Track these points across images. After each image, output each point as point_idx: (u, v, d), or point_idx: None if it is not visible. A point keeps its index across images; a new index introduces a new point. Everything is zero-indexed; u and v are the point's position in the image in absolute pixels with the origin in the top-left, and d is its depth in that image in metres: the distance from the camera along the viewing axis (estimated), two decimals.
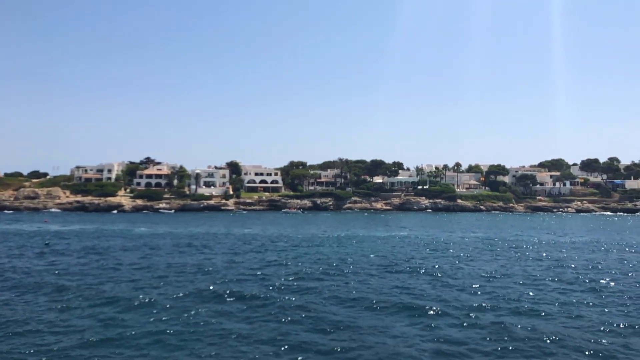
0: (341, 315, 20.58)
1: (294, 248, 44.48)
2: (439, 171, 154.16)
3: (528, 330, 18.55)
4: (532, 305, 22.56)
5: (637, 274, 31.92)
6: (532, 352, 16.29)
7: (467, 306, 22.18)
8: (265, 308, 21.64)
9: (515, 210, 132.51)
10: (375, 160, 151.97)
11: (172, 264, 34.26)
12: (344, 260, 36.82)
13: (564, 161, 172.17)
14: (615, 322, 19.79)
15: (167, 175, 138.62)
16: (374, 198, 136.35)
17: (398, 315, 20.71)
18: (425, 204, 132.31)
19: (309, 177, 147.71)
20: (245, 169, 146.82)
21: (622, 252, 43.92)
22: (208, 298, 23.45)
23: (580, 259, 39.06)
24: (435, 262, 36.19)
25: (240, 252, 41.41)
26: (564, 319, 20.25)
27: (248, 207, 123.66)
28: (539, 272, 31.81)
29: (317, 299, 23.44)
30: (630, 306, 22.61)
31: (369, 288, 26.12)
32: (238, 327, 18.77)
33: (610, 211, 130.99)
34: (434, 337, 17.81)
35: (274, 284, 26.83)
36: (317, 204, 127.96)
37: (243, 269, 32.25)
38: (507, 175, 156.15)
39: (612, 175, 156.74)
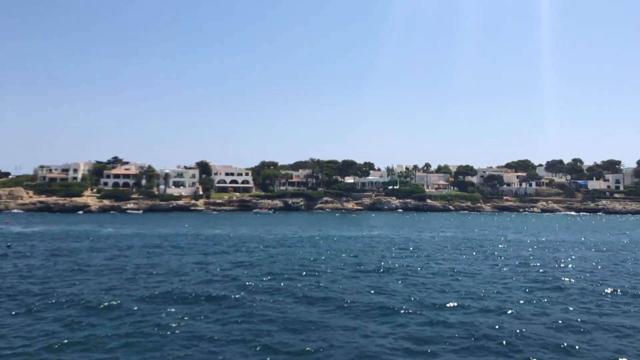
0: (312, 315, 20.60)
1: (265, 249, 44.30)
2: (409, 171, 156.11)
3: (496, 329, 18.94)
4: (500, 303, 23.05)
5: (598, 272, 32.99)
6: (499, 349, 16.65)
7: (437, 305, 22.51)
8: (237, 309, 21.50)
9: (482, 210, 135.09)
10: (346, 160, 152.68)
11: (140, 265, 33.68)
12: (316, 260, 36.87)
13: (529, 162, 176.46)
14: (578, 318, 20.40)
15: (136, 175, 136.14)
16: (346, 198, 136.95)
17: (369, 314, 20.85)
18: (395, 204, 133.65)
19: (280, 177, 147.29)
20: (215, 169, 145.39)
21: (584, 251, 45.32)
22: (178, 299, 23.15)
23: (545, 257, 40.12)
24: (405, 261, 36.59)
25: (210, 252, 41.00)
26: (530, 316, 20.76)
27: (218, 207, 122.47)
28: (506, 271, 32.54)
29: (288, 300, 23.42)
30: (591, 303, 23.36)
31: (341, 288, 26.23)
32: (209, 329, 18.60)
33: (573, 211, 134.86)
34: (405, 336, 18.01)
35: (245, 285, 26.68)
36: (288, 204, 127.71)
37: (214, 270, 31.94)
38: (475, 175, 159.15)
39: (576, 175, 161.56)
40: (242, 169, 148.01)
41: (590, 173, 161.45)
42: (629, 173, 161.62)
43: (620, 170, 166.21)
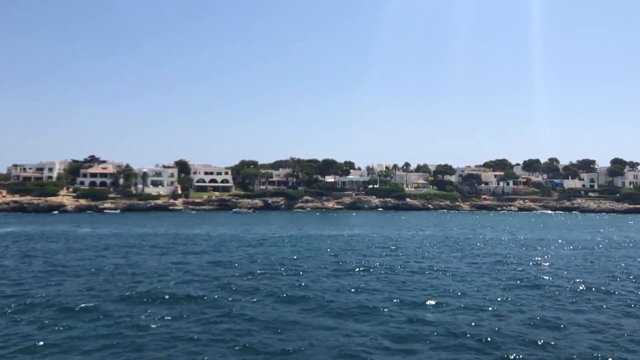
0: (293, 315, 20.58)
1: (245, 248, 44.09)
2: (389, 171, 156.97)
3: (474, 326, 19.19)
4: (478, 301, 23.36)
5: (574, 269, 33.66)
6: (478, 347, 16.85)
7: (416, 303, 22.70)
8: (216, 309, 21.36)
9: (461, 208, 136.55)
10: (327, 159, 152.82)
11: (118, 265, 33.21)
12: (296, 259, 36.84)
13: (507, 161, 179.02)
14: (554, 315, 20.80)
15: (113, 174, 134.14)
16: (326, 197, 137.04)
17: (349, 313, 20.90)
18: (375, 203, 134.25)
19: (260, 177, 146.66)
20: (194, 168, 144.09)
21: (560, 249, 46.18)
22: (157, 300, 22.89)
23: (522, 255, 40.77)
24: (385, 260, 36.80)
25: (189, 252, 40.63)
26: (507, 313, 21.08)
27: (197, 207, 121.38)
28: (484, 269, 32.98)
29: (268, 299, 23.36)
30: (567, 300, 23.83)
31: (321, 287, 26.25)
32: (188, 329, 18.43)
33: (550, 209, 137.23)
34: (385, 334, 18.11)
35: (225, 285, 26.52)
36: (268, 203, 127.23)
37: (193, 269, 31.67)
38: (454, 174, 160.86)
39: (552, 175, 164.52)
40: (221, 168, 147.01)
41: (566, 172, 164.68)
42: (603, 172, 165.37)
43: (594, 169, 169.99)
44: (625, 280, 29.52)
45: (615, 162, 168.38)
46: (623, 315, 20.99)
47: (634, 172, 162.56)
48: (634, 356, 16.03)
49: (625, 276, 30.77)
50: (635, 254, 42.40)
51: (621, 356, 15.97)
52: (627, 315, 21.10)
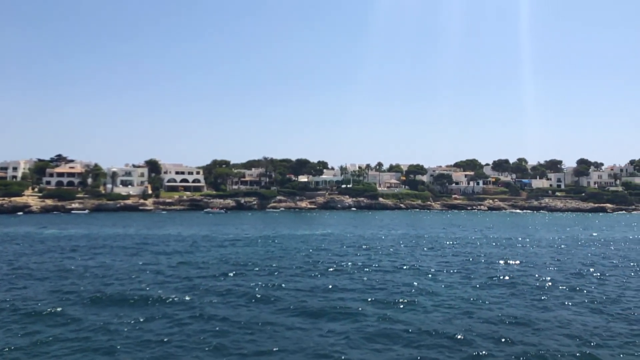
0: (266, 316, 20.45)
1: (216, 248, 43.63)
2: (362, 170, 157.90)
3: (446, 324, 19.43)
4: (450, 299, 23.67)
5: (542, 267, 34.45)
6: (450, 344, 17.04)
7: (389, 302, 22.86)
8: (188, 310, 21.06)
9: (432, 208, 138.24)
10: (300, 159, 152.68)
11: (87, 267, 32.45)
12: (269, 259, 36.66)
13: (477, 161, 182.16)
14: (523, 313, 21.23)
15: (81, 173, 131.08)
16: (299, 197, 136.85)
17: (323, 313, 20.88)
18: (349, 203, 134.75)
19: (232, 176, 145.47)
20: (165, 168, 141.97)
21: (529, 248, 47.21)
22: (127, 302, 22.43)
23: (491, 254, 41.50)
24: (358, 259, 36.94)
25: (160, 253, 39.99)
26: (478, 311, 21.40)
27: (168, 207, 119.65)
28: (456, 268, 33.44)
29: (241, 300, 23.17)
30: (536, 297, 24.35)
31: (294, 287, 26.18)
32: (159, 331, 18.12)
33: (518, 209, 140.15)
34: (359, 334, 18.15)
35: (196, 286, 26.19)
36: (240, 203, 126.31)
37: (164, 270, 31.18)
38: (426, 174, 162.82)
39: (521, 174, 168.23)
40: (193, 167, 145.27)
41: (534, 172, 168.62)
42: (569, 172, 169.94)
43: (561, 169, 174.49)
44: (590, 277, 30.35)
45: (581, 162, 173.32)
46: (588, 311, 21.57)
47: (599, 172, 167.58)
48: (598, 350, 16.46)
49: (590, 274, 31.64)
50: (599, 252, 43.66)
51: (586, 351, 16.38)
52: (592, 311, 21.68)
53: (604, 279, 29.65)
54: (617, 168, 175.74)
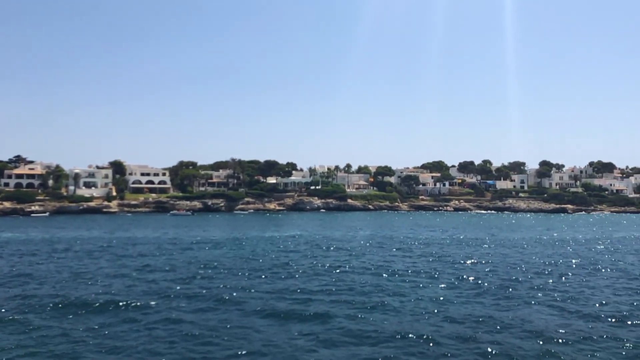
0: (235, 319, 20.20)
1: (183, 251, 42.87)
2: (331, 172, 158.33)
3: (413, 325, 19.56)
4: (416, 300, 23.89)
5: (506, 268, 35.18)
6: (418, 344, 17.16)
7: (358, 302, 22.90)
8: (153, 315, 20.59)
9: (400, 209, 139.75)
10: (269, 160, 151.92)
11: (47, 272, 31.37)
12: (237, 262, 36.28)
13: (443, 163, 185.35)
14: (488, 311, 21.59)
15: (41, 175, 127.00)
16: (268, 199, 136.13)
17: (291, 315, 20.76)
18: (317, 204, 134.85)
19: (199, 178, 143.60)
20: (130, 169, 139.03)
21: (494, 248, 48.17)
22: (89, 307, 21.77)
23: (459, 254, 42.16)
24: (327, 260, 36.93)
25: (125, 256, 39.03)
26: (444, 311, 21.66)
27: (133, 209, 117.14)
28: (421, 268, 33.81)
29: (209, 303, 22.84)
30: (501, 296, 24.82)
31: (261, 290, 25.97)
32: (122, 338, 17.66)
33: (483, 209, 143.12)
34: (327, 336, 18.11)
35: (162, 289, 25.66)
36: (208, 205, 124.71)
37: (129, 274, 30.45)
38: (394, 176, 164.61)
39: (485, 176, 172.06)
40: (158, 168, 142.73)
41: (498, 174, 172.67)
42: (532, 174, 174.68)
43: (524, 171, 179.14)
44: (551, 276, 31.16)
45: (543, 164, 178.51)
46: (550, 309, 22.12)
47: (560, 174, 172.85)
48: (559, 347, 16.85)
49: (551, 273, 32.49)
50: (560, 252, 44.94)
51: (548, 348, 16.75)
52: (553, 308, 22.24)
53: (564, 278, 30.50)
54: (578, 170, 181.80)
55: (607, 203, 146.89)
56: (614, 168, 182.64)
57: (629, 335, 18.25)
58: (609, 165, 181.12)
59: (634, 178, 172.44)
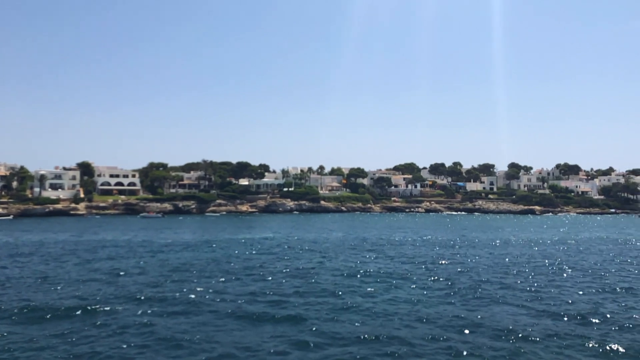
0: (203, 322, 19.93)
1: (154, 254, 42.14)
2: (304, 174, 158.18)
3: (383, 325, 19.69)
4: (387, 301, 24.06)
5: (477, 268, 35.75)
6: (388, 344, 17.26)
7: (328, 304, 22.91)
8: (122, 320, 20.17)
9: (372, 210, 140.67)
10: (241, 162, 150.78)
11: (10, 277, 30.41)
12: (208, 264, 35.89)
13: (415, 165, 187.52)
14: (459, 312, 21.90)
15: (5, 176, 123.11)
16: (240, 201, 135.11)
17: (263, 318, 20.64)
18: (290, 206, 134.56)
19: (170, 180, 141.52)
20: (98, 170, 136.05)
21: (464, 249, 48.91)
22: (55, 313, 21.17)
23: (430, 255, 42.66)
24: (298, 262, 36.86)
25: (93, 260, 38.14)
26: (419, 310, 21.87)
27: (102, 211, 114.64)
28: (395, 269, 34.10)
29: (177, 308, 22.48)
30: (472, 296, 25.20)
31: (233, 293, 25.77)
32: (81, 348, 17.19)
33: (454, 210, 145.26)
34: (297, 337, 18.04)
35: (132, 294, 25.14)
36: (178, 207, 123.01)
37: (98, 278, 29.77)
38: (366, 177, 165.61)
39: (456, 178, 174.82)
40: (128, 170, 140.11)
41: (468, 175, 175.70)
42: (501, 175, 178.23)
43: (493, 173, 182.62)
44: (519, 276, 31.86)
45: (512, 166, 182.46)
46: (517, 308, 22.58)
47: (528, 176, 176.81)
48: (526, 344, 17.21)
49: (519, 273, 33.21)
50: (527, 252, 45.96)
51: (517, 345, 17.08)
52: (520, 307, 22.73)
53: (532, 277, 31.19)
54: (545, 172, 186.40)
55: (573, 204, 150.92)
56: (579, 170, 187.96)
57: (593, 333, 18.80)
58: (574, 168, 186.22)
59: (598, 180, 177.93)
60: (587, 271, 33.84)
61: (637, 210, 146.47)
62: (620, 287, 27.87)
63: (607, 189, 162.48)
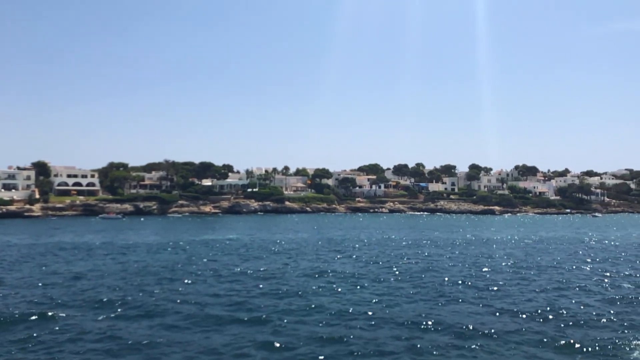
0: (165, 325, 19.57)
1: (113, 257, 41.07)
2: (269, 174, 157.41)
3: (348, 324, 19.79)
4: (354, 301, 24.18)
5: (439, 267, 36.43)
6: (353, 343, 17.36)
7: (292, 304, 22.87)
8: (79, 326, 19.56)
9: (337, 211, 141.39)
10: (204, 162, 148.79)
11: None
12: (169, 267, 35.26)
13: (379, 166, 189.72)
14: (422, 310, 22.25)
15: None
16: (203, 201, 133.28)
17: (224, 320, 20.39)
18: (254, 207, 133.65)
19: (130, 180, 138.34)
20: (55, 170, 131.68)
21: (426, 248, 49.73)
22: (8, 319, 20.35)
23: (394, 255, 43.19)
24: (263, 263, 36.66)
25: (49, 263, 36.82)
26: (379, 310, 22.07)
27: (58, 212, 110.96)
28: (360, 269, 34.35)
29: (138, 311, 21.98)
30: (434, 294, 25.67)
31: (196, 294, 25.39)
32: (44, 352, 16.61)
33: (417, 211, 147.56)
34: (261, 337, 17.93)
35: (90, 299, 24.42)
36: (139, 208, 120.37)
37: (54, 282, 28.78)
38: (331, 178, 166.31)
39: (419, 178, 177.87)
40: (87, 170, 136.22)
41: (431, 176, 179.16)
42: (462, 176, 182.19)
43: (455, 174, 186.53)
44: (480, 274, 32.64)
45: (473, 167, 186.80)
46: (478, 306, 23.14)
47: (488, 177, 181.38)
48: (485, 341, 17.64)
49: (480, 271, 34.04)
50: (487, 252, 47.16)
51: (478, 343, 17.49)
52: (481, 306, 23.29)
53: (492, 276, 32.02)
54: (504, 173, 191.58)
55: (531, 204, 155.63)
56: (537, 171, 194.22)
57: (549, 329, 19.45)
58: (532, 169, 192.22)
59: (555, 181, 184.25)
60: (545, 270, 34.95)
61: (590, 210, 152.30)
62: (575, 285, 28.92)
63: (563, 190, 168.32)
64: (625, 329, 19.46)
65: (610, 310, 22.56)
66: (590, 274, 33.13)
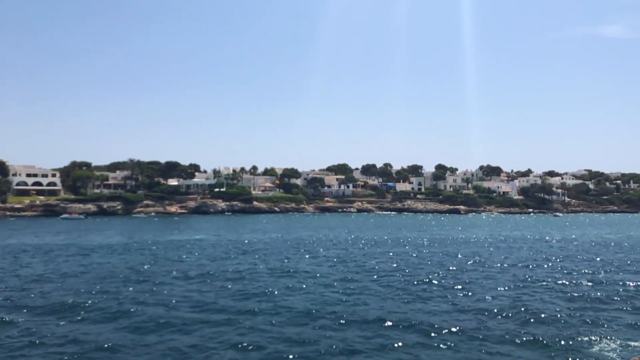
0: (130, 329, 19.15)
1: (75, 259, 39.94)
2: (236, 174, 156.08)
3: (319, 325, 19.81)
4: (323, 301, 24.20)
5: (406, 266, 36.85)
6: (322, 343, 17.38)
7: (262, 305, 22.73)
8: (38, 332, 18.92)
9: (306, 210, 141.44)
10: (170, 162, 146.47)
11: None
12: (133, 268, 34.51)
13: (347, 166, 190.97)
14: (389, 310, 22.45)
15: None
16: (169, 201, 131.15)
17: (191, 322, 20.09)
18: (222, 207, 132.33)
19: (94, 179, 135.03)
20: (14, 169, 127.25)
21: (394, 247, 50.26)
22: None
23: (361, 254, 43.48)
24: (230, 264, 36.34)
25: (6, 267, 35.49)
26: (347, 309, 22.18)
27: (17, 212, 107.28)
28: (328, 269, 34.41)
29: (101, 314, 21.43)
30: (401, 295, 25.95)
31: (161, 296, 24.92)
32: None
33: (384, 210, 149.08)
34: (229, 339, 17.77)
35: (52, 305, 23.62)
36: (103, 208, 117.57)
37: (13, 285, 27.78)
38: (300, 178, 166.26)
39: (387, 178, 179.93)
40: (48, 169, 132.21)
41: (398, 176, 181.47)
42: (428, 176, 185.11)
43: (422, 174, 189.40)
44: (446, 273, 33.19)
45: (439, 167, 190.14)
46: (443, 304, 23.51)
47: (454, 177, 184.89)
48: (452, 339, 17.95)
49: (446, 270, 34.61)
50: (452, 251, 48.02)
51: (444, 341, 17.77)
52: (449, 303, 23.67)
53: (457, 274, 32.61)
54: (469, 173, 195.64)
55: (495, 204, 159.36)
56: (501, 172, 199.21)
57: (512, 325, 19.92)
58: (496, 169, 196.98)
59: (518, 181, 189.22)
60: (508, 268, 35.78)
61: (552, 210, 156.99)
62: (537, 283, 29.72)
63: (526, 190, 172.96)
64: (584, 325, 20.11)
65: (571, 306, 23.27)
66: (552, 272, 34.10)
